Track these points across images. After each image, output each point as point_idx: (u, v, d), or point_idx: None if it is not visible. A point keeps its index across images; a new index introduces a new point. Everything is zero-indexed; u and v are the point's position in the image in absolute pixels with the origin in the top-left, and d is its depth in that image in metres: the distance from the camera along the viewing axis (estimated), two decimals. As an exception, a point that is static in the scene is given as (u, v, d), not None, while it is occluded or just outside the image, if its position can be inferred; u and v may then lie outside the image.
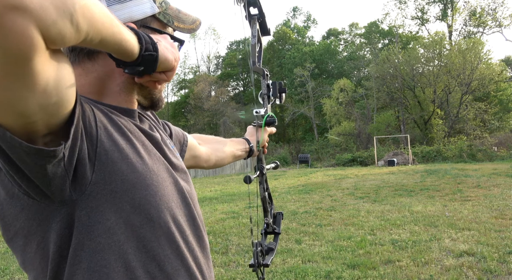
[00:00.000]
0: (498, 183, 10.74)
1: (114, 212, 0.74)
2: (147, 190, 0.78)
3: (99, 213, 0.73)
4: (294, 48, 41.34)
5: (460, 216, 6.91)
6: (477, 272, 4.19)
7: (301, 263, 4.82)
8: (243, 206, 9.32)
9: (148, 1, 0.85)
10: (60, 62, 0.59)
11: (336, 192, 11.08)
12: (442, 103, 29.09)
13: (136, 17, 0.83)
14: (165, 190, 0.82)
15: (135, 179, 0.76)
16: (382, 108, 33.17)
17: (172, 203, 0.83)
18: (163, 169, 0.85)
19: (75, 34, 0.55)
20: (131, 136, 0.81)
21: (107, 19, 0.61)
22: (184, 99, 44.33)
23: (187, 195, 0.90)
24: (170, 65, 0.78)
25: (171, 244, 0.81)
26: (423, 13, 38.26)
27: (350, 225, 6.81)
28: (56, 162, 0.64)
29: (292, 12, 49.45)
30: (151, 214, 0.78)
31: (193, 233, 0.88)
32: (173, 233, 0.82)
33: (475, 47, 27.62)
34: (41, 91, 0.56)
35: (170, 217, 0.82)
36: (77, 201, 0.71)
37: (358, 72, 41.29)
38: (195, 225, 0.90)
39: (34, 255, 0.75)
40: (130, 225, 0.76)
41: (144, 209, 0.77)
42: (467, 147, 21.97)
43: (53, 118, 0.62)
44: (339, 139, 29.89)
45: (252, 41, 1.36)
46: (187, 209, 0.89)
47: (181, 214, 0.86)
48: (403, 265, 4.52)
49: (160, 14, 0.87)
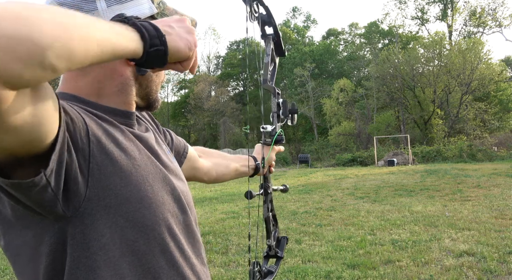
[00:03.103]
0: (498, 183, 10.73)
1: (109, 227, 0.73)
2: (141, 203, 0.77)
3: (94, 230, 0.72)
4: (294, 48, 41.34)
5: (460, 216, 6.91)
6: (477, 272, 4.19)
7: (301, 263, 4.82)
8: (243, 206, 9.31)
9: (147, 2, 0.84)
10: (37, 97, 0.55)
11: (336, 192, 11.07)
12: (442, 103, 29.10)
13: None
14: (160, 200, 0.81)
15: (128, 193, 0.75)
16: (382, 108, 33.18)
17: (167, 213, 0.82)
18: (158, 177, 0.83)
19: (51, 73, 0.51)
20: (125, 145, 0.79)
21: (91, 42, 0.55)
22: (184, 99, 44.35)
23: (184, 201, 0.88)
24: (183, 56, 0.72)
25: (166, 255, 0.80)
26: (423, 13, 38.29)
27: (350, 225, 6.81)
28: (40, 189, 0.63)
29: (292, 12, 49.53)
30: (146, 227, 0.77)
31: (188, 241, 0.88)
32: (168, 244, 0.81)
33: (475, 47, 27.63)
34: (16, 132, 0.54)
35: (165, 228, 0.81)
36: (71, 218, 0.70)
37: (358, 72, 41.31)
38: (189, 231, 0.89)
39: (26, 266, 0.74)
40: (125, 240, 0.75)
41: (138, 222, 0.76)
42: (467, 147, 21.96)
43: (33, 150, 0.60)
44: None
45: (266, 59, 1.33)
46: (183, 216, 0.88)
47: (176, 223, 0.85)
48: (403, 265, 4.52)
49: (158, 15, 0.87)
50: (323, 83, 37.68)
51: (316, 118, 36.48)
